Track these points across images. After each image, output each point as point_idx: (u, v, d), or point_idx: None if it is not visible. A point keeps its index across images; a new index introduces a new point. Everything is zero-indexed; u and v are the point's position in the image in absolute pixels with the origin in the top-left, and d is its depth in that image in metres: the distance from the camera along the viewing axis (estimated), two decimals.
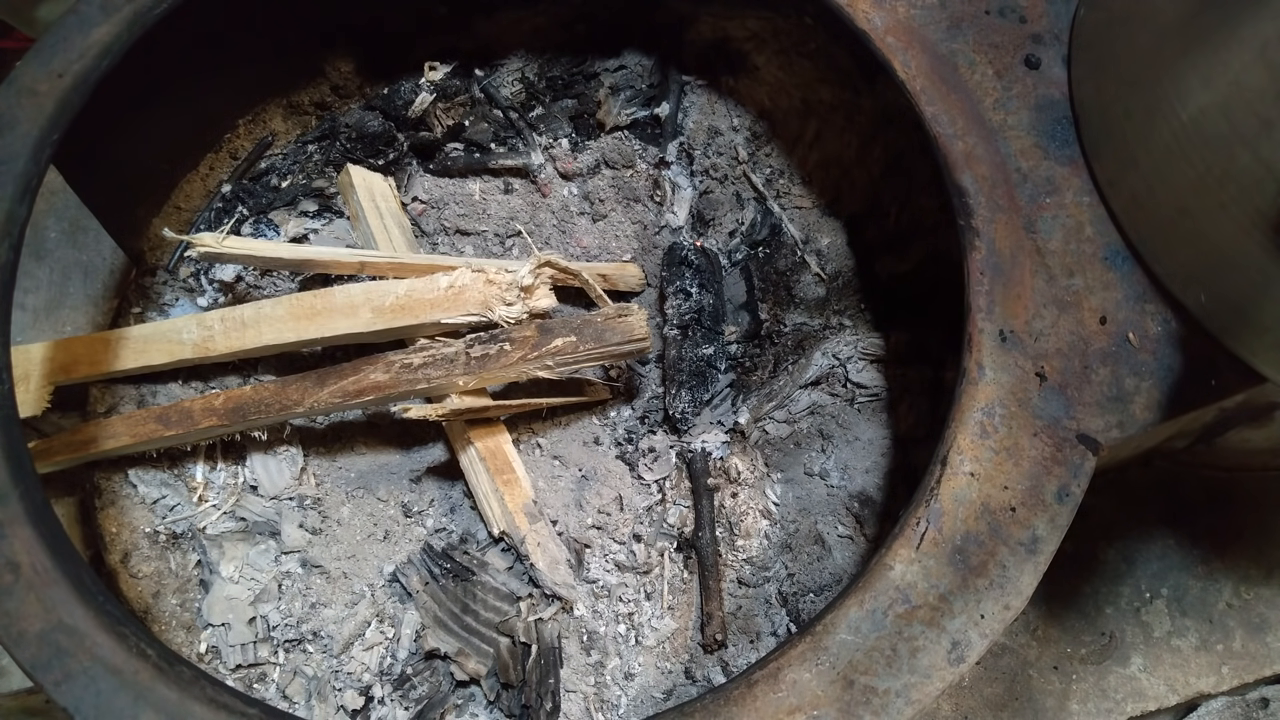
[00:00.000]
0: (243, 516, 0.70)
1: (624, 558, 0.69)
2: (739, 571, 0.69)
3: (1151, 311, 0.58)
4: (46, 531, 0.49)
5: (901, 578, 0.51)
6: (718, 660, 0.67)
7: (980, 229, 0.59)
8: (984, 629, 0.50)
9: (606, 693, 0.66)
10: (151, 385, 0.72)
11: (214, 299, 0.76)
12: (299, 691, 0.65)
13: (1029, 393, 0.56)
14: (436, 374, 0.66)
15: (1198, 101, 0.54)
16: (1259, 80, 0.50)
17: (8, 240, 0.55)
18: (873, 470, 0.72)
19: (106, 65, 0.61)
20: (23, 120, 0.59)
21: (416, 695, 0.65)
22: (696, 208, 0.82)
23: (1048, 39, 0.65)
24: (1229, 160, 0.52)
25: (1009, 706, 0.73)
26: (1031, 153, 0.62)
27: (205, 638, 0.66)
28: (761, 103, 0.83)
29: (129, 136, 0.70)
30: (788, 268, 0.80)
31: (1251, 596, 0.77)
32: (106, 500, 0.69)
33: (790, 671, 0.48)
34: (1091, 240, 0.60)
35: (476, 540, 0.69)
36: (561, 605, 0.67)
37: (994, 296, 0.58)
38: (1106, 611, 0.76)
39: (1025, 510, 0.53)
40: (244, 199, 0.79)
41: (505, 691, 0.65)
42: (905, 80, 0.63)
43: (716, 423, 0.73)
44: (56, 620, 0.48)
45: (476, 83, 0.83)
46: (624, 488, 0.71)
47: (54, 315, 0.73)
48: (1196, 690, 0.74)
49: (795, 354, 0.76)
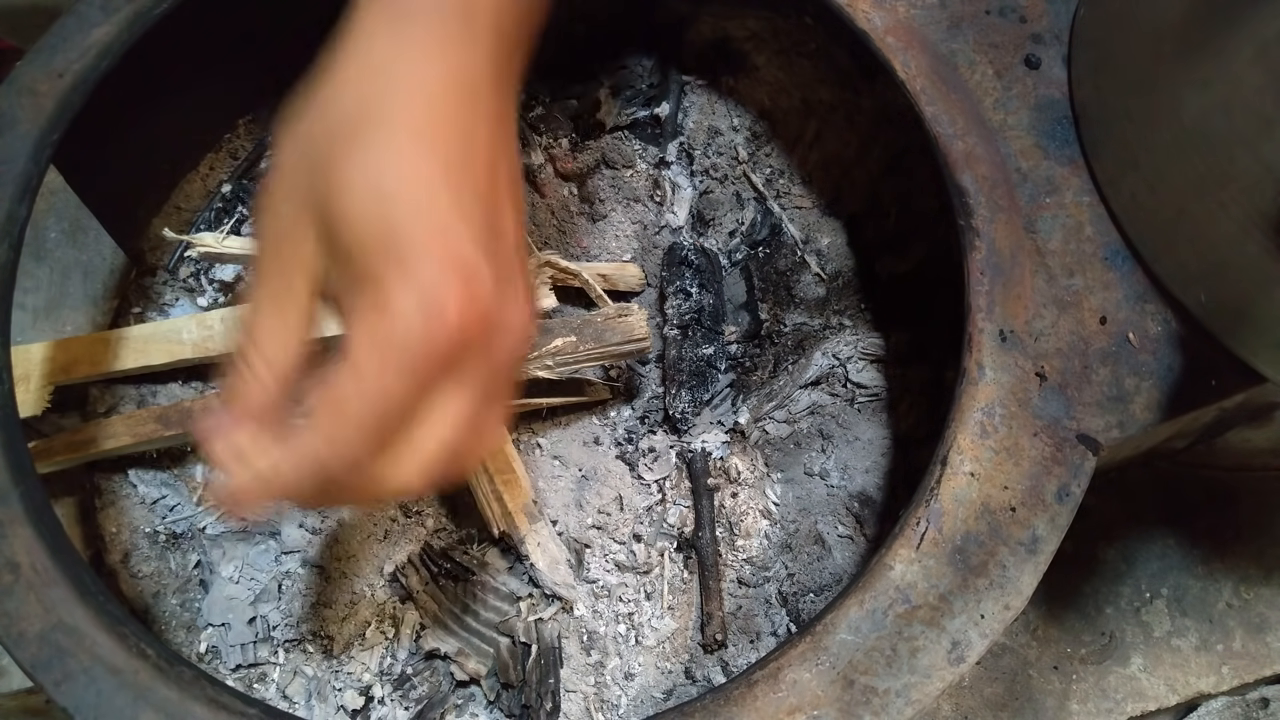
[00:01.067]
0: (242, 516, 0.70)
1: (624, 558, 0.69)
2: (739, 571, 0.69)
3: (1151, 311, 0.58)
4: (46, 531, 0.49)
5: (901, 578, 0.51)
6: (718, 660, 0.67)
7: (980, 229, 0.59)
8: (984, 629, 0.50)
9: (606, 693, 0.66)
10: (151, 385, 0.72)
11: (214, 299, 0.76)
12: (299, 691, 0.65)
13: (1029, 393, 0.56)
14: None
15: (1198, 101, 0.54)
16: (1259, 80, 0.50)
17: (8, 240, 0.55)
18: (873, 470, 0.72)
19: (106, 65, 0.61)
20: (23, 120, 0.59)
21: (416, 695, 0.65)
22: (696, 208, 0.82)
23: (1048, 39, 0.65)
24: (1229, 160, 0.52)
25: (1009, 706, 0.73)
26: (1031, 153, 0.62)
27: (205, 638, 0.66)
28: (761, 103, 0.83)
29: (129, 136, 0.70)
30: (788, 268, 0.80)
31: (1251, 596, 0.77)
32: (106, 500, 0.69)
33: (790, 671, 0.48)
34: (1091, 240, 0.60)
35: (476, 540, 0.69)
36: (561, 605, 0.67)
37: (994, 296, 0.58)
38: (1106, 611, 0.76)
39: (1025, 510, 0.53)
40: (244, 199, 0.79)
41: (505, 691, 0.65)
42: (905, 80, 0.63)
43: (716, 423, 0.73)
44: (56, 620, 0.48)
45: None
46: (624, 488, 0.71)
47: (54, 315, 0.73)
48: (1196, 690, 0.74)
49: (795, 354, 0.76)
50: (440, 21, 0.37)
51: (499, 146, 0.37)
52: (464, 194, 0.35)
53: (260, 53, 0.77)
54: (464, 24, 0.37)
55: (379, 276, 0.33)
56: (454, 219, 0.34)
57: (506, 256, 0.36)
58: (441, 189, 0.34)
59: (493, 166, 0.37)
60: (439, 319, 0.32)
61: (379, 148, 0.34)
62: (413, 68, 0.36)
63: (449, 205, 0.34)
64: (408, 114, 0.35)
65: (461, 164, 0.35)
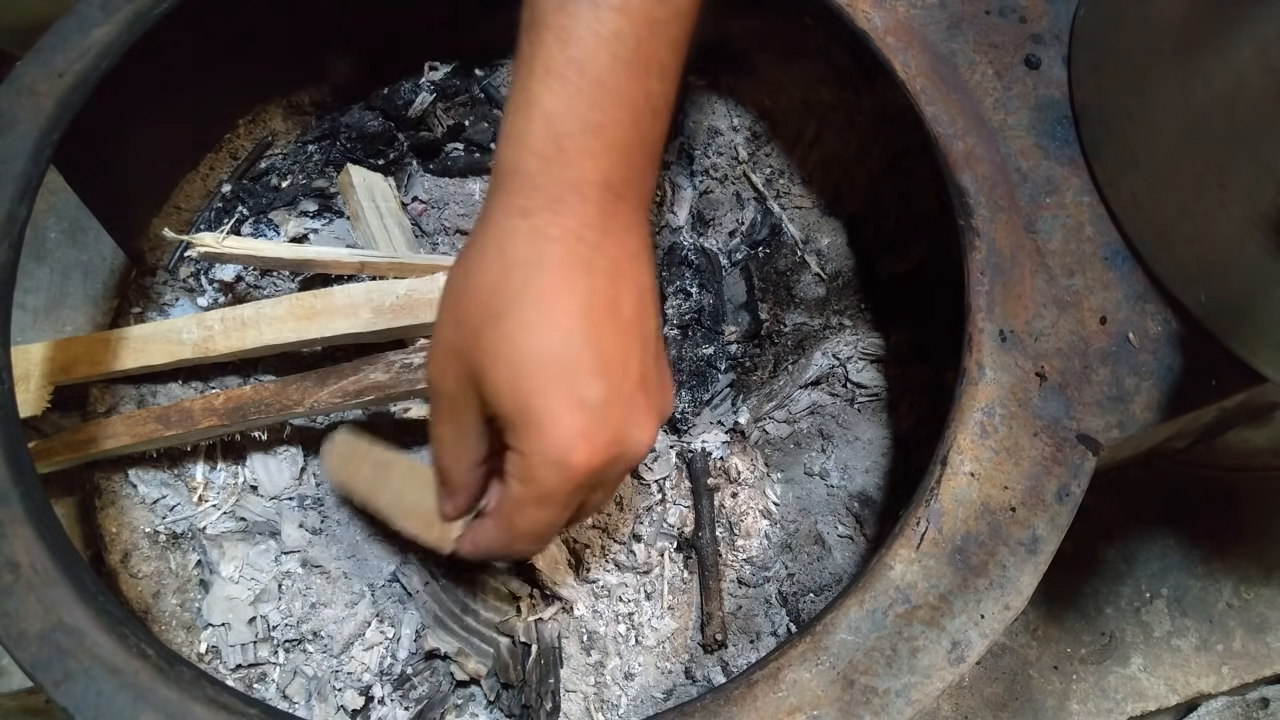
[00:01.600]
0: (243, 516, 0.70)
1: (624, 558, 0.69)
2: (739, 571, 0.69)
3: (1151, 311, 0.58)
4: (46, 531, 0.49)
5: (901, 578, 0.51)
6: (718, 660, 0.67)
7: (980, 229, 0.59)
8: (984, 629, 0.50)
9: (606, 693, 0.66)
10: (151, 385, 0.72)
11: (214, 299, 0.76)
12: (299, 691, 0.65)
13: (1029, 393, 0.56)
14: None
15: (1198, 101, 0.54)
16: (1259, 80, 0.50)
17: (8, 240, 0.55)
18: (873, 470, 0.72)
19: (106, 65, 0.61)
20: (23, 120, 0.59)
21: (416, 695, 0.65)
22: (696, 207, 0.82)
23: (1048, 39, 0.65)
24: (1229, 160, 0.52)
25: (1009, 706, 0.73)
26: (1031, 153, 0.62)
27: (205, 638, 0.66)
28: (761, 103, 0.83)
29: (129, 136, 0.70)
30: (788, 268, 0.80)
31: (1251, 596, 0.77)
32: (106, 500, 0.69)
33: (790, 671, 0.48)
34: (1091, 240, 0.60)
35: None
36: (561, 605, 0.67)
37: (994, 296, 0.58)
38: (1106, 611, 0.76)
39: (1025, 510, 0.53)
40: (244, 199, 0.79)
41: (505, 691, 0.65)
42: (905, 80, 0.63)
43: (716, 423, 0.73)
44: (56, 620, 0.48)
45: (476, 83, 0.83)
46: (624, 488, 0.71)
47: (54, 315, 0.73)
48: (1196, 690, 0.74)
49: (795, 354, 0.76)
50: (555, 199, 0.44)
51: (621, 288, 0.44)
52: (590, 344, 0.42)
53: (260, 53, 0.77)
54: (579, 198, 0.44)
55: (522, 435, 0.43)
56: (580, 373, 0.42)
57: (634, 383, 0.44)
58: (563, 351, 0.42)
59: (614, 308, 0.44)
60: (567, 468, 0.43)
61: (511, 329, 0.42)
62: (533, 248, 0.43)
63: (573, 363, 0.42)
64: (534, 292, 0.43)
65: (584, 318, 0.42)
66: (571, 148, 0.43)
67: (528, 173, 0.43)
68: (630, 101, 0.44)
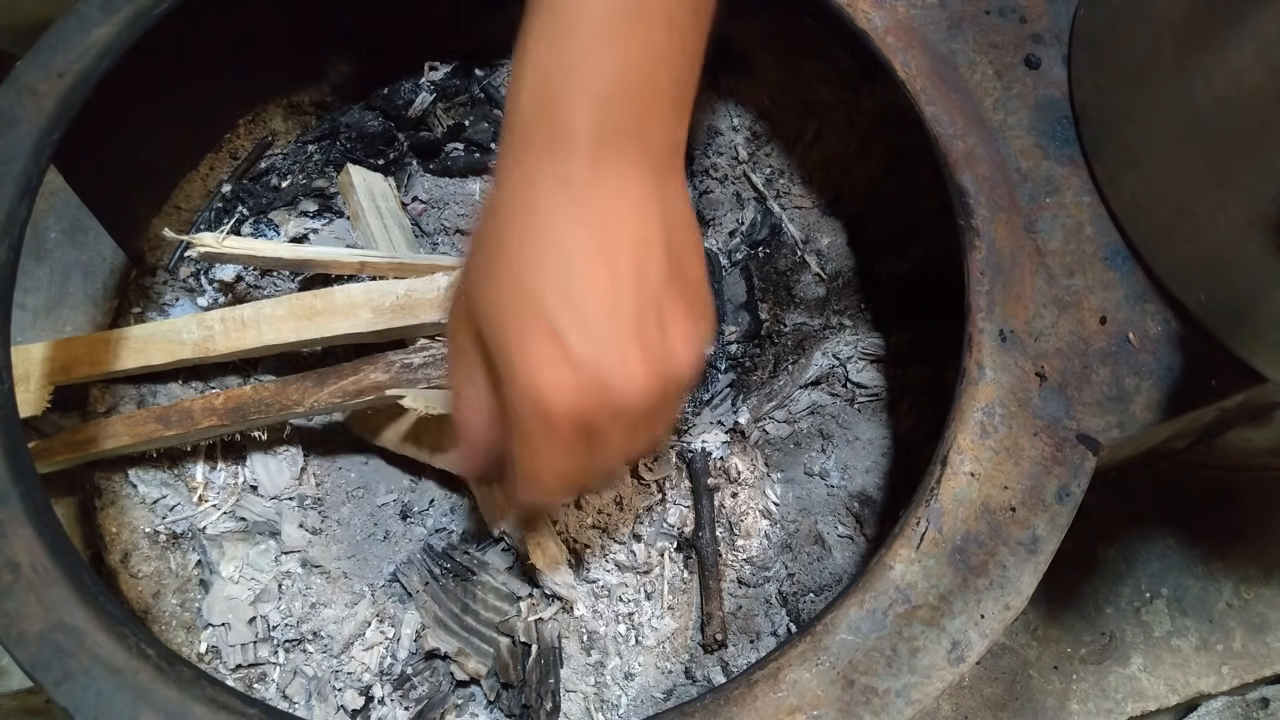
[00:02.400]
0: (243, 516, 0.70)
1: (624, 558, 0.69)
2: (739, 571, 0.69)
3: (1151, 311, 0.58)
4: (46, 531, 0.49)
5: (901, 578, 0.51)
6: (718, 660, 0.67)
7: (980, 229, 0.59)
8: (984, 629, 0.50)
9: (606, 692, 0.66)
10: (151, 385, 0.72)
11: (214, 299, 0.76)
12: (299, 691, 0.65)
13: (1029, 393, 0.56)
14: (437, 374, 0.66)
15: (1198, 101, 0.54)
16: (1259, 80, 0.50)
17: (8, 240, 0.55)
18: (873, 470, 0.72)
19: (106, 65, 0.61)
20: (23, 120, 0.59)
21: (416, 695, 0.65)
22: (696, 208, 0.82)
23: (1048, 39, 0.65)
24: (1229, 160, 0.52)
25: (1009, 706, 0.73)
26: (1031, 153, 0.62)
27: (205, 638, 0.66)
28: (761, 103, 0.83)
29: (129, 136, 0.70)
30: (788, 268, 0.80)
31: (1251, 596, 0.77)
32: (106, 500, 0.69)
33: (790, 671, 0.48)
34: (1091, 240, 0.60)
35: (476, 540, 0.69)
36: (561, 605, 0.67)
37: (994, 296, 0.58)
38: (1106, 611, 0.76)
39: (1025, 510, 0.53)
40: (244, 199, 0.79)
41: (505, 691, 0.65)
42: (905, 80, 0.63)
43: (716, 423, 0.73)
44: (56, 620, 0.48)
45: (476, 83, 0.83)
46: (624, 488, 0.71)
47: (54, 315, 0.73)
48: (1196, 690, 0.74)
49: (795, 354, 0.76)
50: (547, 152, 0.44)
51: (614, 235, 0.43)
52: (572, 289, 0.42)
53: (260, 53, 0.77)
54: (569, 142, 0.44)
55: (505, 378, 0.44)
56: (558, 316, 0.42)
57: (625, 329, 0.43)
58: (543, 294, 0.42)
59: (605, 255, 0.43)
60: (544, 410, 0.43)
61: (498, 272, 0.43)
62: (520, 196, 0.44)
63: (551, 306, 0.42)
64: (521, 236, 0.43)
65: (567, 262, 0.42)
66: (562, 97, 0.43)
67: (525, 122, 0.44)
68: (624, 52, 0.44)
